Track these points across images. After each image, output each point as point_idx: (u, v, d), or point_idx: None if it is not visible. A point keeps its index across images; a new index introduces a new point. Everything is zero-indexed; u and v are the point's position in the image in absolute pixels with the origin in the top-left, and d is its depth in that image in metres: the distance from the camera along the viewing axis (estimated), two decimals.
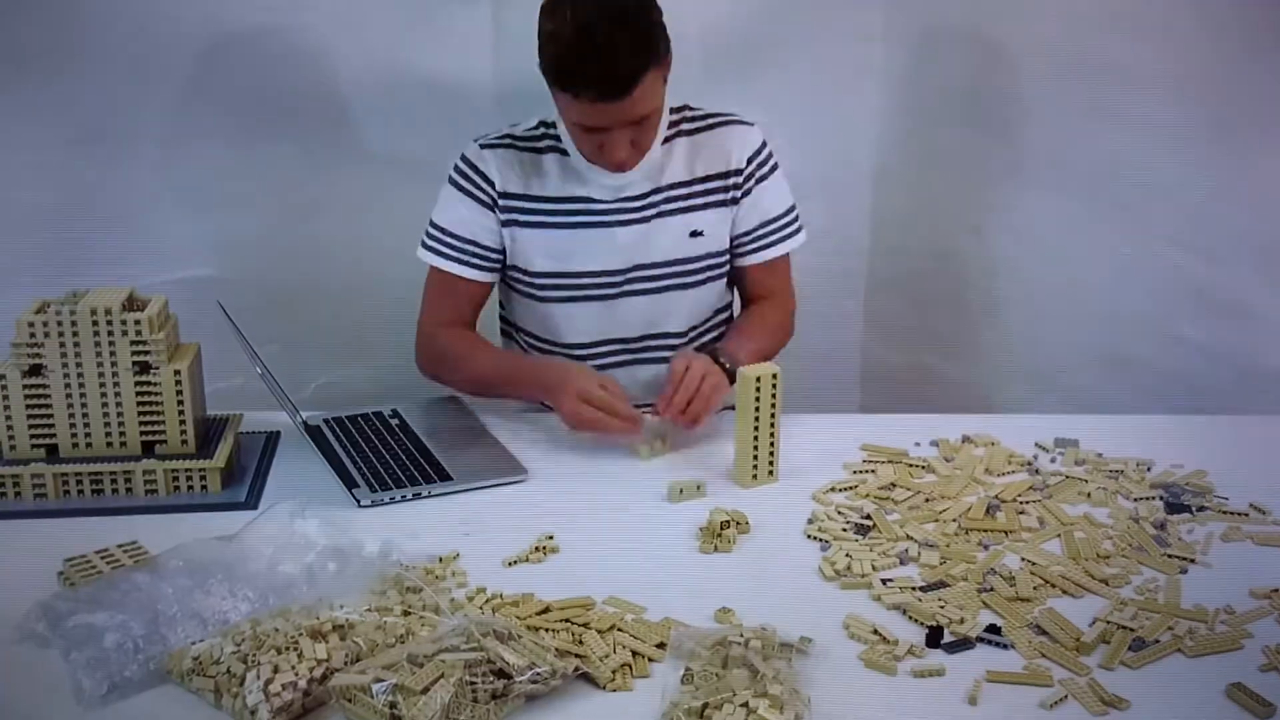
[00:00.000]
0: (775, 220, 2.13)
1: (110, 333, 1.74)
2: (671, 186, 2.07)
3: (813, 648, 1.36)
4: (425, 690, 1.21)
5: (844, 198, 2.72)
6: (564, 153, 2.06)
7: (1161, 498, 1.79)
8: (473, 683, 1.24)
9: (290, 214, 2.60)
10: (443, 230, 2.09)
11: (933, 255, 2.78)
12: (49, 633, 1.36)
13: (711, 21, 2.54)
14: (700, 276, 2.12)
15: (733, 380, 1.93)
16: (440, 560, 1.58)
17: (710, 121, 2.11)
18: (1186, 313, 2.56)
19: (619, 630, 1.41)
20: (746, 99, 2.35)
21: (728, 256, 2.15)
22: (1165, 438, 2.00)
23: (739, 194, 2.09)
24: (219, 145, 2.53)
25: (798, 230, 2.17)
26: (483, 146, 2.08)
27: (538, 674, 1.27)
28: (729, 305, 2.26)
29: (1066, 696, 1.32)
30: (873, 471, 1.87)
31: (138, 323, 1.74)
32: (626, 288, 2.10)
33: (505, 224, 2.07)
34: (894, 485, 1.83)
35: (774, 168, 2.13)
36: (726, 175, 2.09)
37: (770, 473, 1.84)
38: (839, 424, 2.10)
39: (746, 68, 2.57)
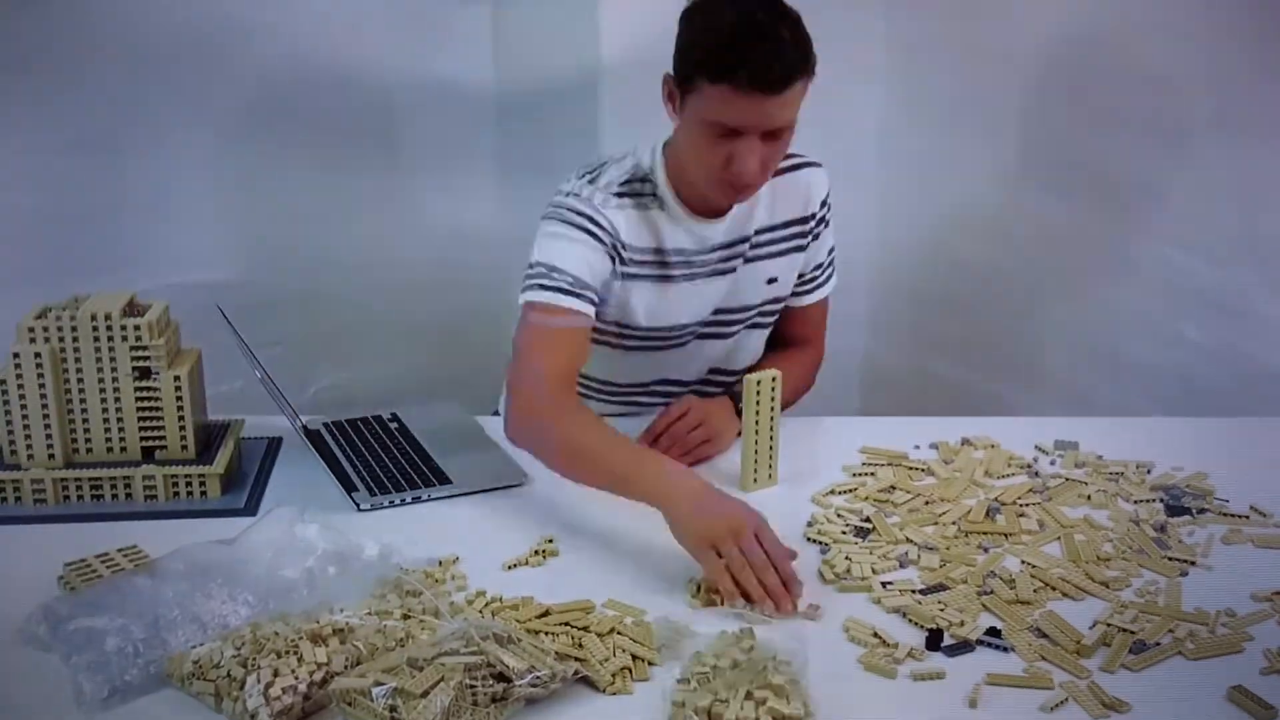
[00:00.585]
0: (822, 265, 2.10)
1: (110, 338, 1.74)
2: (757, 233, 2.00)
3: (812, 649, 1.35)
4: (425, 694, 1.21)
5: (844, 200, 2.71)
6: (664, 202, 1.93)
7: (1162, 500, 1.79)
8: (472, 686, 1.24)
9: (290, 218, 2.60)
10: (557, 270, 1.85)
11: (933, 258, 2.78)
12: (50, 636, 1.36)
13: None
14: (767, 320, 2.08)
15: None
16: (440, 564, 1.58)
17: (788, 164, 2.01)
18: (1187, 314, 2.56)
19: (618, 634, 1.41)
20: None
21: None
22: (1165, 440, 2.00)
23: (811, 239, 2.05)
24: (218, 150, 2.53)
25: (834, 274, 2.13)
26: (605, 195, 1.91)
27: (537, 677, 1.27)
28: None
29: (1067, 699, 1.32)
30: (872, 474, 1.87)
31: (138, 328, 1.74)
32: (703, 332, 2.04)
33: (626, 277, 1.93)
34: (894, 488, 1.83)
35: (831, 210, 2.08)
36: (806, 220, 2.03)
37: (770, 476, 1.84)
38: (838, 427, 2.10)
39: None
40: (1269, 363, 2.47)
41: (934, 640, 1.41)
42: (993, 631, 1.43)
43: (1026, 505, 1.78)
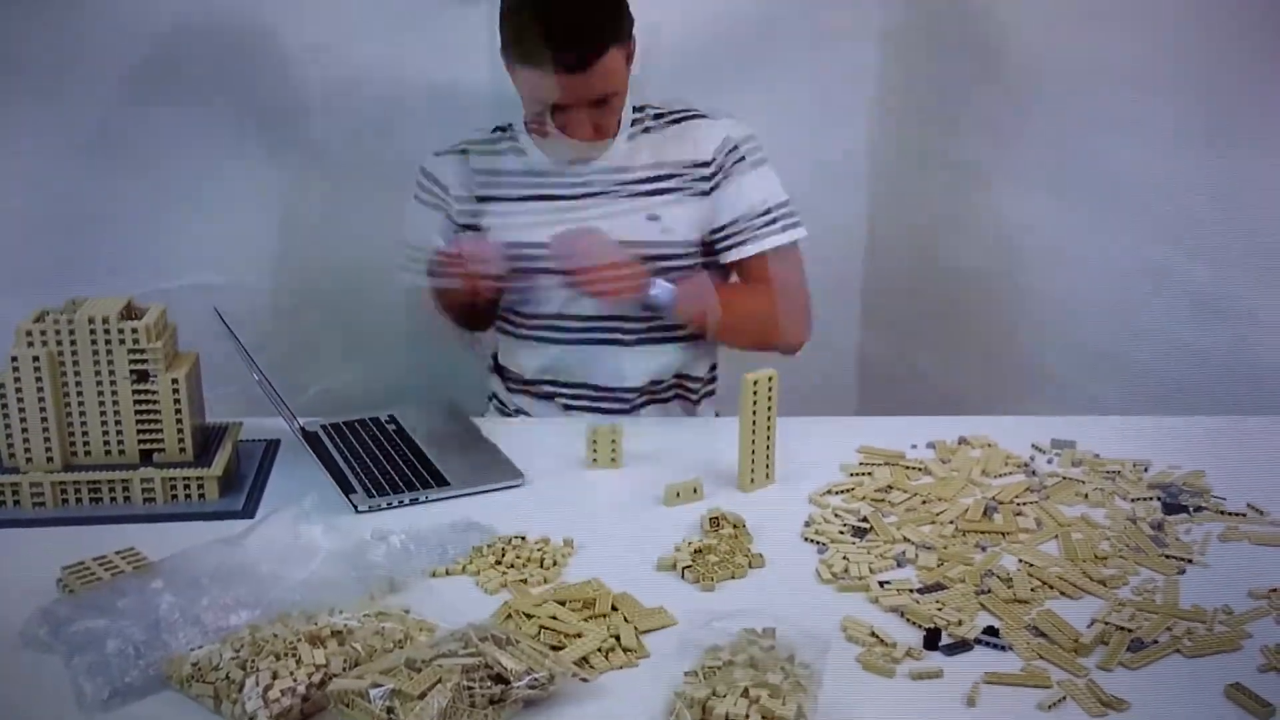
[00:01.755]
0: (756, 216, 2.10)
1: (108, 341, 1.74)
2: (636, 182, 2.07)
3: (811, 649, 1.36)
4: (422, 695, 1.21)
5: (840, 200, 2.73)
6: (523, 151, 2.06)
7: (1159, 498, 1.80)
8: (470, 688, 1.24)
9: (286, 221, 2.60)
10: (416, 249, 2.11)
11: (928, 257, 2.78)
12: (51, 638, 1.37)
13: (704, 22, 2.54)
14: (666, 264, 2.07)
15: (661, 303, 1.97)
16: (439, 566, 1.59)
17: (675, 116, 2.10)
18: (1183, 314, 2.56)
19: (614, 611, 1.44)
20: (739, 100, 2.35)
21: (697, 251, 2.13)
22: (1162, 438, 2.00)
23: (708, 187, 2.08)
24: (215, 152, 2.53)
25: (785, 228, 2.12)
26: (436, 155, 2.11)
27: (535, 679, 1.27)
28: None
29: (1065, 698, 1.32)
30: (869, 474, 1.87)
31: (135, 331, 1.74)
32: None
33: (464, 227, 2.10)
34: (891, 487, 1.83)
35: (755, 162, 2.10)
36: (694, 165, 2.07)
37: (768, 476, 1.85)
38: (835, 427, 2.10)
39: (739, 69, 2.57)
40: (1264, 361, 2.48)
41: (932, 639, 1.42)
42: (990, 630, 1.44)
43: (1024, 504, 1.78)
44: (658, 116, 2.11)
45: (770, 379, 1.81)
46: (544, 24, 1.85)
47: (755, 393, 1.80)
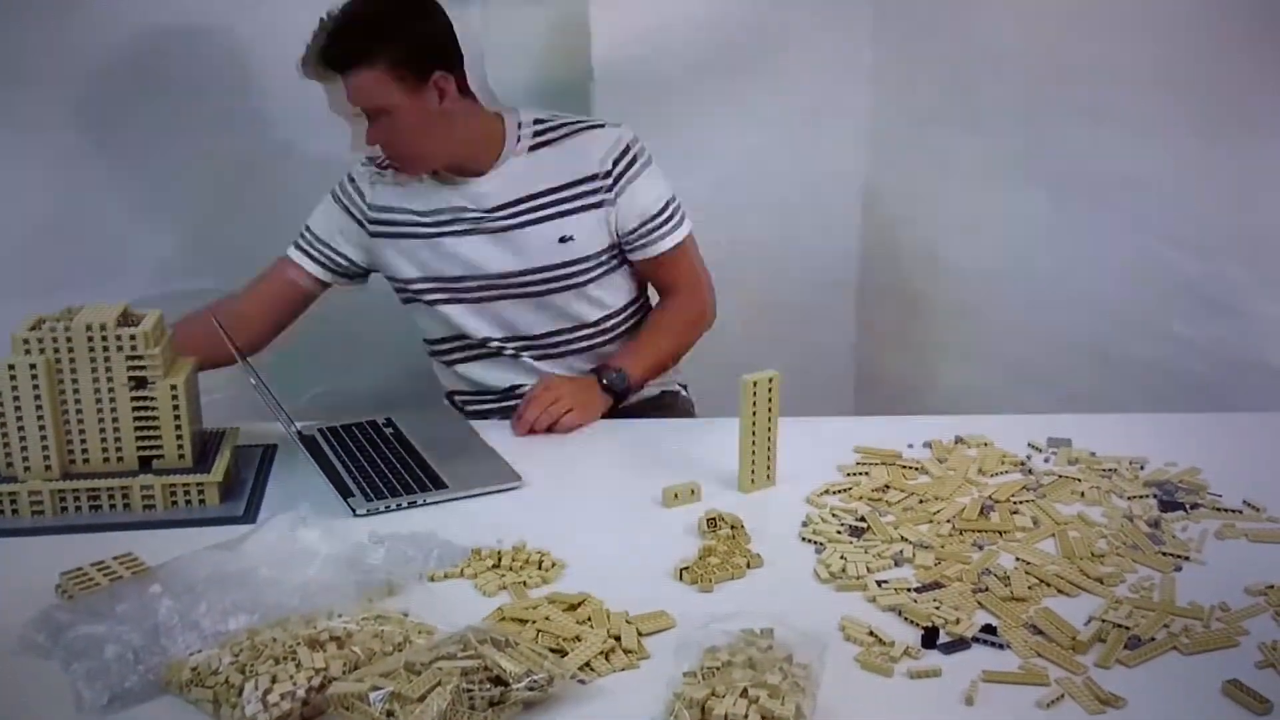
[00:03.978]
0: (655, 217, 2.18)
1: (106, 348, 1.74)
2: (537, 195, 2.13)
3: (810, 649, 1.36)
4: (422, 698, 1.21)
5: (836, 201, 2.73)
6: (436, 170, 2.14)
7: (1155, 496, 1.80)
8: (469, 690, 1.24)
9: (282, 224, 2.60)
10: (307, 229, 2.22)
11: (923, 256, 2.79)
12: (49, 644, 1.37)
13: (699, 27, 2.55)
14: (578, 280, 2.17)
15: (619, 399, 2.12)
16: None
17: (571, 129, 2.16)
18: (1178, 310, 2.56)
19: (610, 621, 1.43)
20: (735, 105, 2.37)
21: (606, 258, 2.19)
22: (1158, 436, 2.00)
23: (609, 195, 2.14)
24: (211, 157, 2.54)
25: (680, 222, 2.21)
26: (362, 164, 2.21)
27: (534, 681, 1.27)
28: (641, 296, 2.31)
29: (1063, 695, 1.32)
30: (866, 473, 1.88)
31: (133, 338, 1.74)
32: (507, 293, 2.16)
33: (375, 236, 2.18)
34: (888, 487, 1.83)
35: (645, 164, 2.17)
36: (591, 179, 2.13)
37: (768, 477, 1.85)
38: (832, 426, 2.10)
39: (734, 74, 2.58)
40: (1260, 358, 2.48)
41: (930, 638, 1.42)
42: (988, 629, 1.44)
43: (1020, 503, 1.78)
44: (556, 129, 2.17)
45: (770, 380, 1.81)
46: (318, 33, 2.02)
47: (755, 394, 1.80)
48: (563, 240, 2.14)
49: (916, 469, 1.89)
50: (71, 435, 1.77)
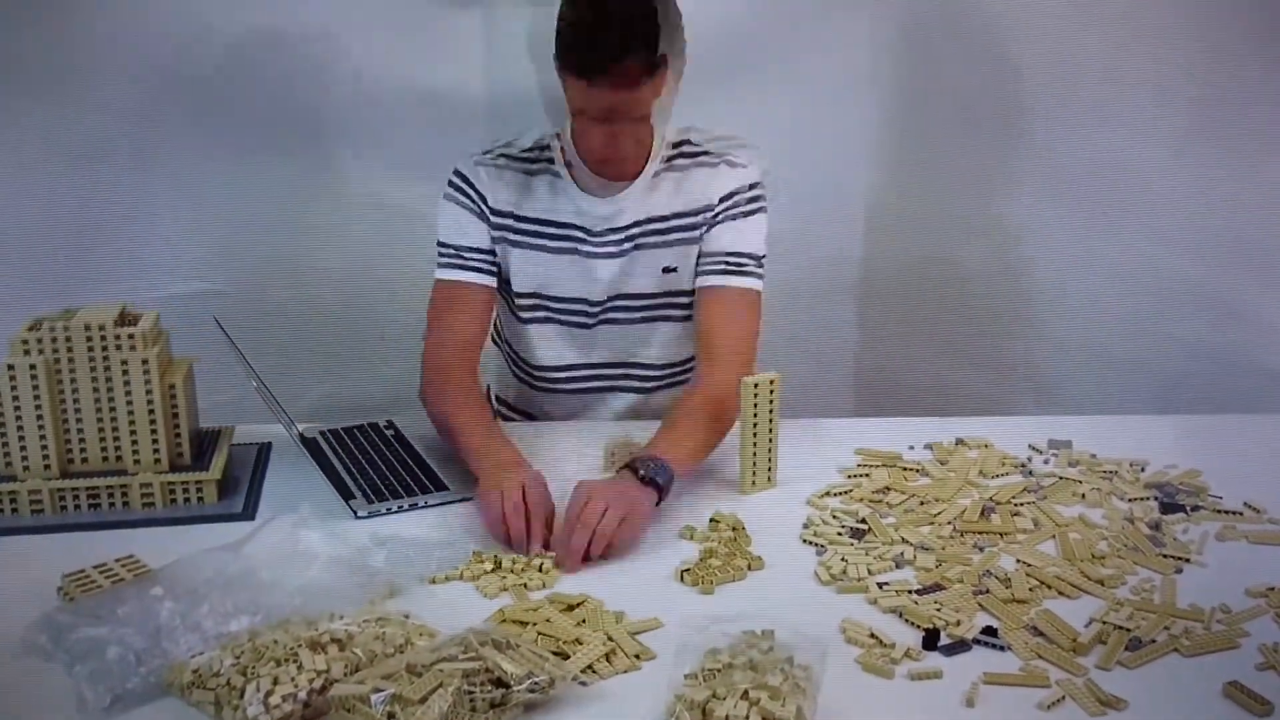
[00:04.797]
0: (732, 255, 2.04)
1: (105, 348, 1.74)
2: (651, 220, 2.05)
3: (810, 651, 1.36)
4: (423, 700, 1.21)
5: (836, 203, 2.73)
6: (557, 175, 2.04)
7: (1156, 498, 1.80)
8: (470, 692, 1.24)
9: (282, 227, 2.60)
10: (445, 245, 2.05)
11: (925, 259, 2.79)
12: (52, 646, 1.37)
13: (700, 32, 2.54)
14: (675, 311, 2.10)
15: (661, 496, 1.73)
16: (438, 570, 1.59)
17: (703, 160, 2.06)
18: (1179, 313, 2.57)
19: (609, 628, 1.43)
20: (735, 109, 2.36)
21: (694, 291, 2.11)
22: (1159, 438, 2.00)
23: (706, 230, 2.05)
24: (211, 160, 2.53)
25: (751, 274, 2.04)
26: (476, 163, 2.06)
27: (535, 683, 1.27)
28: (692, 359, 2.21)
29: (1064, 697, 1.32)
30: (867, 475, 1.88)
31: (131, 337, 1.74)
32: (603, 317, 2.09)
33: (495, 239, 2.06)
34: (889, 489, 1.83)
35: (752, 212, 2.05)
36: (699, 212, 2.05)
37: (769, 479, 1.85)
38: (833, 429, 2.10)
39: (735, 78, 2.57)
40: (1259, 360, 2.49)
41: (931, 640, 1.42)
42: (989, 630, 1.44)
43: (1021, 504, 1.78)
44: (689, 155, 2.07)
45: (771, 382, 1.81)
46: (578, 29, 1.85)
47: (756, 396, 1.80)
48: (666, 270, 2.07)
49: (917, 471, 1.90)
50: (70, 434, 1.77)
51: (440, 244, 2.05)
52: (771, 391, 1.81)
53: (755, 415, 1.80)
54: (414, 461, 1.91)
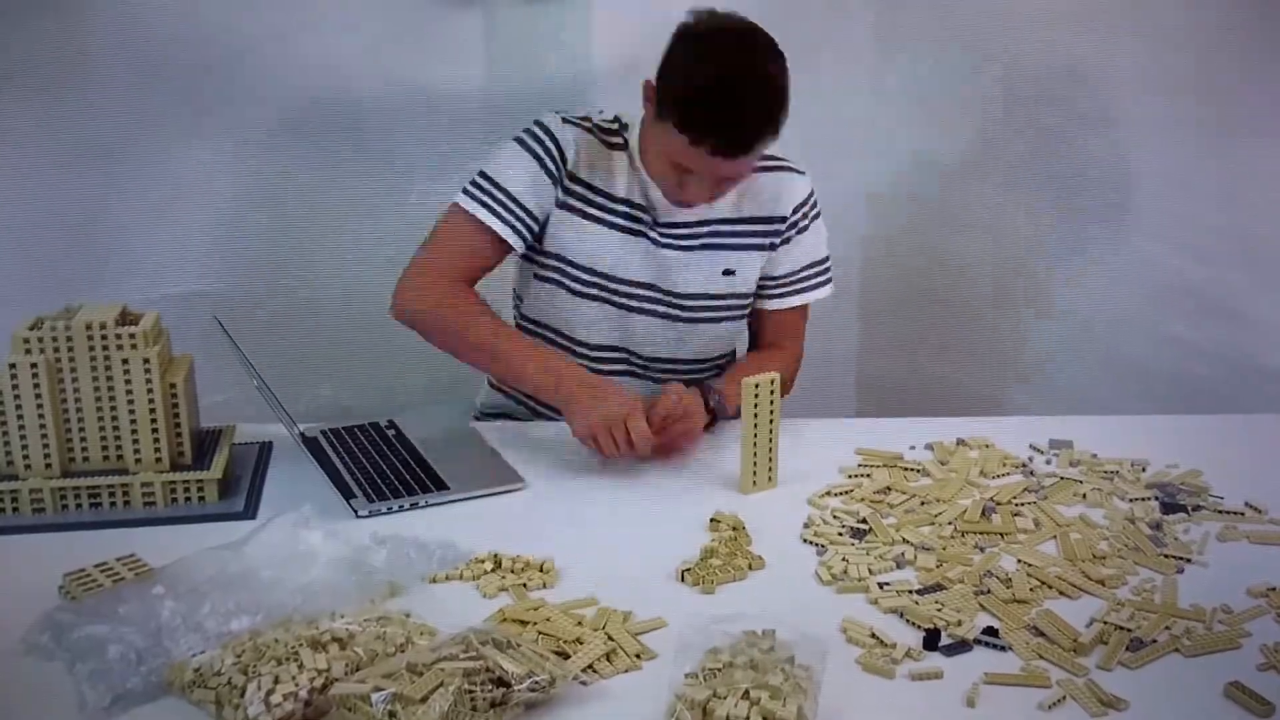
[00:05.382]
0: (805, 269, 2.12)
1: (105, 347, 1.74)
2: (719, 222, 2.05)
3: (811, 651, 1.36)
4: (424, 699, 1.21)
5: (836, 203, 2.73)
6: (633, 157, 2.03)
7: (1157, 498, 1.80)
8: (471, 691, 1.24)
9: (283, 227, 2.60)
10: (492, 181, 1.98)
11: (925, 259, 2.79)
12: (53, 645, 1.37)
13: None
14: (723, 314, 2.11)
15: (713, 420, 1.99)
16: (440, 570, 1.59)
17: (764, 165, 2.06)
18: (1179, 313, 2.57)
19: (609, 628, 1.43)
20: None
21: (752, 300, 2.14)
22: (1159, 438, 2.00)
23: (779, 241, 2.08)
24: (212, 159, 2.54)
25: (825, 282, 2.15)
26: (565, 120, 2.01)
27: (536, 682, 1.27)
28: (735, 347, 2.25)
29: (1065, 697, 1.32)
30: (868, 475, 1.88)
31: (132, 336, 1.74)
32: (650, 306, 2.08)
33: (562, 205, 2.01)
34: (889, 489, 1.83)
35: (816, 217, 2.12)
36: (771, 221, 2.07)
37: (770, 479, 1.85)
38: (834, 429, 2.10)
39: None
40: (1260, 360, 2.49)
41: (931, 640, 1.42)
42: (990, 631, 1.44)
43: (1022, 505, 1.78)
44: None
45: (772, 382, 1.81)
46: (713, 106, 1.81)
47: (757, 396, 1.80)
48: (726, 273, 2.07)
49: (918, 471, 1.90)
50: (72, 433, 1.77)
51: (484, 176, 1.99)
52: (772, 391, 1.81)
53: (756, 415, 1.80)
54: (415, 461, 1.91)
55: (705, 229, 2.05)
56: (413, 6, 2.49)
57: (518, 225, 2.00)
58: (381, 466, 1.89)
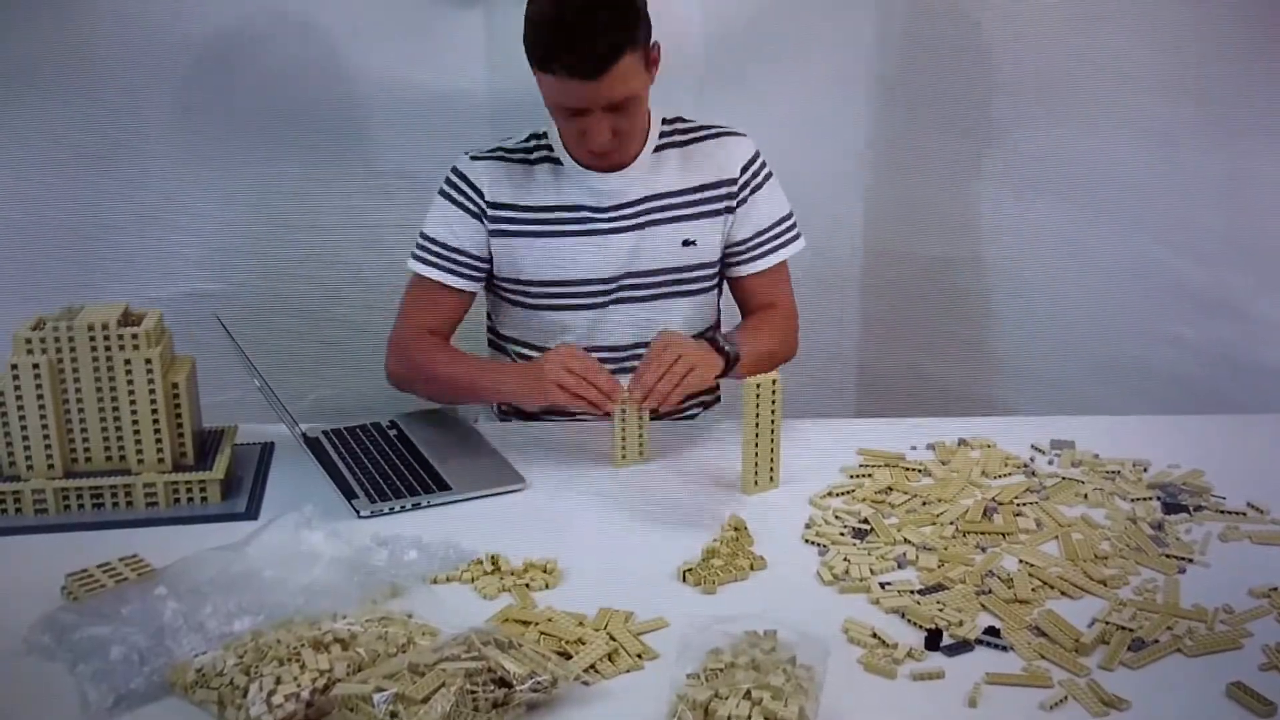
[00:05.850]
0: (771, 228, 2.14)
1: (108, 347, 1.74)
2: (665, 195, 2.08)
3: (813, 651, 1.36)
4: (426, 699, 1.21)
5: (836, 203, 2.73)
6: (558, 161, 2.07)
7: (1158, 498, 1.80)
8: (473, 692, 1.24)
9: (285, 227, 2.60)
10: (430, 240, 2.09)
11: (926, 259, 2.79)
12: (55, 645, 1.37)
13: (701, 30, 2.55)
14: (691, 286, 2.13)
15: (729, 365, 1.96)
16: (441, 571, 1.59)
17: (703, 133, 2.12)
18: (1180, 313, 2.56)
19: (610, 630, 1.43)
20: (737, 106, 2.37)
21: (718, 267, 2.16)
22: (1161, 438, 2.00)
23: (734, 204, 2.10)
24: (213, 159, 2.54)
25: (795, 237, 2.17)
26: (473, 159, 2.10)
27: (538, 683, 1.27)
28: (717, 321, 2.26)
29: (1066, 697, 1.32)
30: (870, 476, 1.88)
31: (134, 336, 1.75)
32: (618, 295, 2.10)
33: (494, 234, 2.08)
34: (891, 489, 1.83)
35: (768, 176, 2.14)
36: (720, 185, 2.10)
37: (772, 479, 1.85)
38: (835, 429, 2.10)
39: (737, 75, 2.58)
40: (1261, 360, 2.48)
41: (933, 640, 1.42)
42: (991, 631, 1.44)
43: (1024, 505, 1.78)
44: (684, 132, 2.11)
45: (773, 382, 1.81)
46: (559, 32, 1.86)
47: (758, 396, 1.80)
48: (686, 244, 2.09)
49: (920, 471, 1.90)
50: (74, 434, 1.77)
51: (424, 236, 2.09)
52: (774, 391, 1.81)
53: (757, 415, 1.80)
54: (417, 461, 1.92)
55: (655, 203, 2.07)
56: (413, 6, 2.49)
57: (467, 271, 2.09)
58: (383, 467, 1.90)
